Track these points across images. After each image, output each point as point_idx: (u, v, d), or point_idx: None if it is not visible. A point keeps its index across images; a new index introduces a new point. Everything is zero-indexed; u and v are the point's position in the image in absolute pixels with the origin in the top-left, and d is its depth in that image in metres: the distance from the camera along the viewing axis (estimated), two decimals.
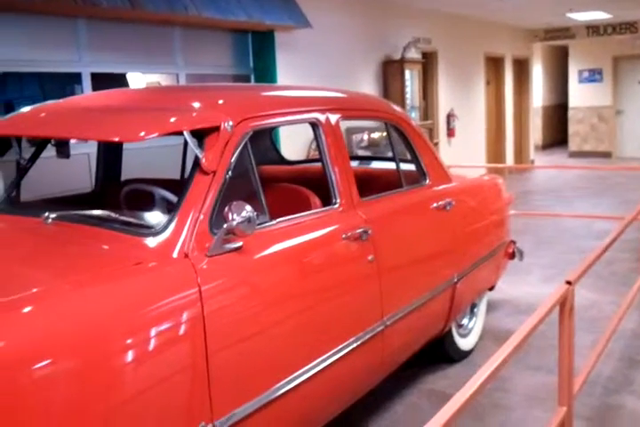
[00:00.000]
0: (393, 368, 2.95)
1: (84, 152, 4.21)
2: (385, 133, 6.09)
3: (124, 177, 3.26)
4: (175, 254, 1.93)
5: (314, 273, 2.37)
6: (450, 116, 9.26)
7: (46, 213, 2.11)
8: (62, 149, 2.69)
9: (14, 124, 2.41)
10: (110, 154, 3.20)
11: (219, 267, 1.99)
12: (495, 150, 11.28)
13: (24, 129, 2.37)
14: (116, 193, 2.64)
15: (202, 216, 2.02)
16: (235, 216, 1.96)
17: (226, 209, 1.98)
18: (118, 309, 1.71)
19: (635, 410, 3.03)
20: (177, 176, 3.28)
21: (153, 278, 1.85)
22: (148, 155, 4.17)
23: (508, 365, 3.60)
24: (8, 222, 2.28)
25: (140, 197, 2.42)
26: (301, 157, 5.90)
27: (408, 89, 7.54)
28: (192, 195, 2.05)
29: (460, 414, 1.36)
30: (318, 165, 2.77)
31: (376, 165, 3.92)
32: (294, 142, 5.96)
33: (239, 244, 2.06)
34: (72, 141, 3.05)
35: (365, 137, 6.85)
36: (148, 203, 2.37)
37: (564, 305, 2.03)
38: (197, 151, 2.08)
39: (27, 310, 1.58)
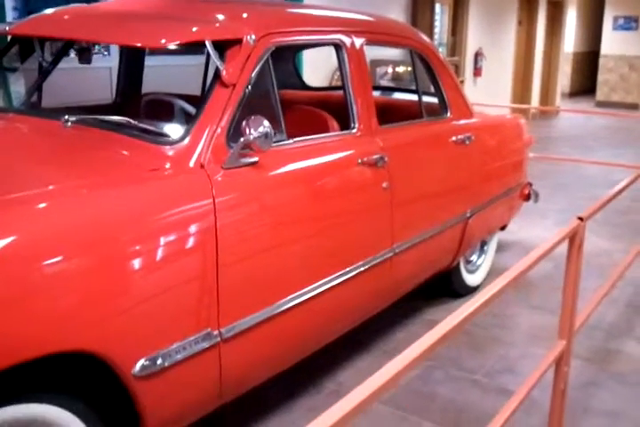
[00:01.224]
0: (398, 296, 2.99)
1: (106, 66, 4.16)
2: (409, 68, 5.98)
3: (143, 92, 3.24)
4: (191, 164, 1.93)
5: (327, 195, 2.37)
6: (477, 55, 9.02)
7: (66, 117, 2.11)
8: (84, 54, 2.66)
9: (36, 25, 2.37)
10: (132, 66, 3.17)
11: (233, 180, 1.99)
12: (521, 94, 11.04)
13: (46, 30, 2.33)
14: (137, 104, 2.63)
15: (219, 129, 2.01)
16: (252, 131, 1.95)
17: (243, 123, 1.97)
18: (132, 211, 1.73)
19: (634, 354, 3.08)
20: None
21: (168, 185, 1.86)
22: (166, 73, 4.12)
23: (511, 303, 3.70)
24: (28, 123, 2.28)
25: (160, 108, 2.41)
26: (323, 85, 5.81)
27: (437, 24, 7.35)
28: (211, 107, 2.03)
29: (445, 340, 1.35)
30: (339, 92, 2.73)
31: (398, 96, 3.85)
32: (317, 70, 5.85)
33: (255, 159, 2.06)
34: (94, 52, 3.02)
35: (390, 70, 6.71)
36: (168, 114, 2.36)
37: (574, 240, 2.03)
38: (218, 63, 2.05)
39: (41, 205, 1.60)
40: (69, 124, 2.12)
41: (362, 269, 2.51)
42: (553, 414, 2.15)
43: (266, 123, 1.97)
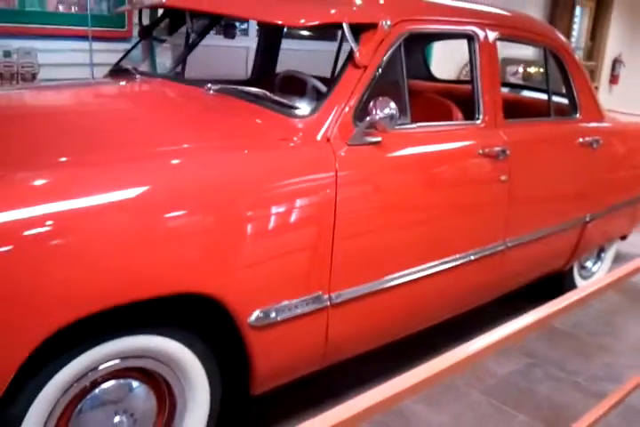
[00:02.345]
0: (504, 291, 3.00)
1: (244, 46, 4.41)
2: (541, 69, 5.85)
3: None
4: (319, 137, 2.05)
5: (444, 181, 2.43)
6: (616, 62, 8.66)
7: (209, 84, 2.30)
8: (229, 30, 2.87)
9: None
10: (269, 46, 3.38)
11: (356, 156, 2.09)
12: None
13: (197, 4, 2.54)
14: (271, 80, 2.78)
15: (347, 107, 2.12)
16: (378, 111, 2.05)
17: (371, 103, 2.07)
18: (262, 175, 1.87)
19: None
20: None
21: (296, 155, 2.00)
22: (298, 57, 4.32)
23: (625, 313, 3.57)
24: (174, 88, 2.50)
25: (293, 85, 2.55)
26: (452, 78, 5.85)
27: (575, 26, 7.13)
28: (342, 86, 2.14)
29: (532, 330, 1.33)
30: (466, 86, 2.77)
31: (526, 94, 3.83)
32: (445, 64, 5.87)
33: (378, 139, 2.16)
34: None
35: (520, 70, 6.62)
36: (300, 91, 2.50)
37: None
38: (353, 45, 2.16)
39: (175, 161, 1.77)
40: (211, 91, 2.31)
41: (471, 258, 2.55)
42: None
43: (392, 104, 2.06)
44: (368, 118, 2.06)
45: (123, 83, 2.63)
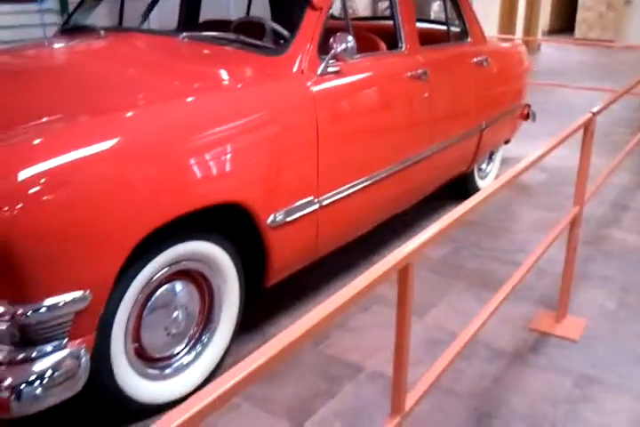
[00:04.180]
0: (430, 191, 3.61)
1: None
2: None
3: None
4: (294, 70, 2.47)
5: (386, 97, 2.93)
6: None
7: (184, 33, 2.61)
8: None
9: None
10: None
11: (325, 82, 2.53)
12: (508, 30, 11.50)
13: None
14: (227, 25, 3.08)
15: (311, 44, 2.53)
16: (338, 45, 2.49)
17: (332, 39, 2.50)
18: (261, 100, 2.28)
19: (619, 239, 3.76)
20: None
21: (282, 84, 2.41)
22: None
23: (514, 202, 4.33)
24: (149, 40, 2.78)
25: (252, 29, 2.89)
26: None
27: None
28: (305, 26, 2.55)
29: (458, 223, 1.66)
30: (383, 22, 3.25)
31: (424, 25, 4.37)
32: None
33: (338, 68, 2.60)
34: None
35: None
36: (259, 33, 2.85)
37: (587, 130, 2.62)
38: None
39: (190, 99, 2.14)
40: (186, 39, 2.63)
41: (410, 162, 3.11)
42: (567, 269, 2.78)
43: (350, 38, 2.51)
44: (332, 51, 2.50)
45: (97, 38, 2.84)
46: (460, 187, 4.14)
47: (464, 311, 2.89)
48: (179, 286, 2.16)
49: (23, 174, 1.61)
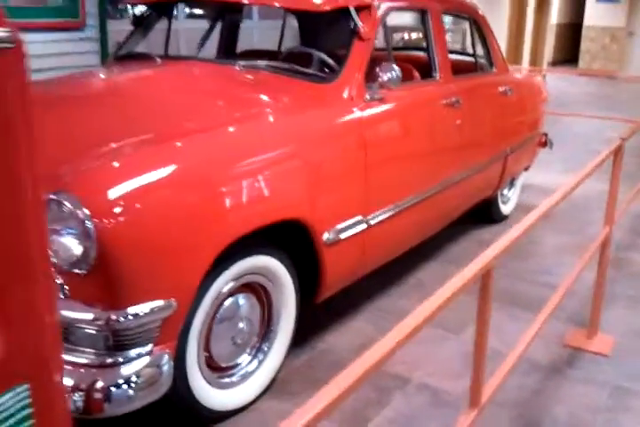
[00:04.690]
0: (460, 213, 3.77)
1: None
2: (421, 34, 6.69)
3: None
4: (345, 96, 2.64)
5: (424, 123, 3.13)
6: None
7: (241, 62, 2.80)
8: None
9: None
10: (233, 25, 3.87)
11: (371, 108, 2.71)
12: (514, 61, 11.82)
13: None
14: (264, 56, 3.25)
15: (359, 73, 2.71)
16: (383, 74, 2.67)
17: (378, 68, 2.68)
18: (317, 124, 2.46)
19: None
20: None
21: (335, 109, 2.59)
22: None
23: (541, 227, 4.47)
24: (208, 68, 2.97)
25: (300, 58, 3.07)
26: None
27: None
28: (353, 56, 2.73)
29: (505, 252, 1.68)
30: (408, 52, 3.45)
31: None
32: None
33: (381, 95, 2.78)
34: None
35: (406, 36, 7.42)
36: (307, 63, 3.03)
37: (617, 155, 2.79)
38: (359, 23, 2.75)
39: (249, 125, 2.31)
40: (242, 68, 2.81)
41: (446, 184, 3.27)
42: (598, 289, 2.92)
43: (395, 67, 2.69)
44: (379, 80, 2.68)
45: (154, 66, 3.01)
46: (484, 211, 4.30)
47: (498, 328, 3.00)
48: (242, 298, 2.29)
49: (116, 192, 1.77)
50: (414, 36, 7.73)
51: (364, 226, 2.64)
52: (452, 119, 3.30)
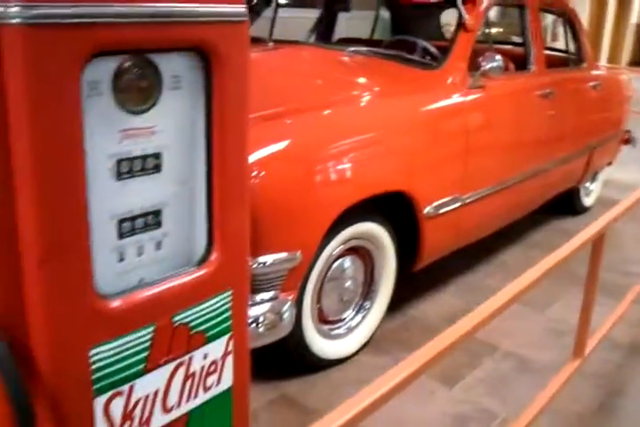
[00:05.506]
0: (544, 201, 3.92)
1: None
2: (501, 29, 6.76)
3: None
4: (448, 82, 2.85)
5: (520, 112, 3.29)
6: (555, 22, 9.68)
7: (351, 48, 3.03)
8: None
9: None
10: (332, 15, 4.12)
11: (473, 95, 2.90)
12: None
13: None
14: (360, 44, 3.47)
15: (463, 61, 2.91)
16: (486, 63, 2.85)
17: (481, 57, 2.87)
18: (426, 109, 2.66)
19: None
20: None
21: (440, 93, 2.79)
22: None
23: (622, 220, 4.55)
24: (319, 52, 3.22)
25: (405, 46, 3.28)
26: None
27: None
28: (458, 45, 2.93)
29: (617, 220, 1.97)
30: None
31: None
32: None
33: (482, 83, 2.96)
34: None
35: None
36: (411, 50, 3.24)
37: None
38: (464, 14, 2.94)
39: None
40: (351, 53, 3.04)
41: (537, 171, 3.44)
42: None
43: (498, 57, 2.87)
44: (482, 68, 2.86)
45: (267, 49, 3.28)
46: (566, 202, 4.42)
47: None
48: (349, 261, 2.53)
49: (271, 149, 2.04)
50: (494, 30, 7.81)
51: (459, 203, 2.84)
52: (545, 110, 3.46)
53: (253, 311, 2.08)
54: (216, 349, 1.37)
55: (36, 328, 1.10)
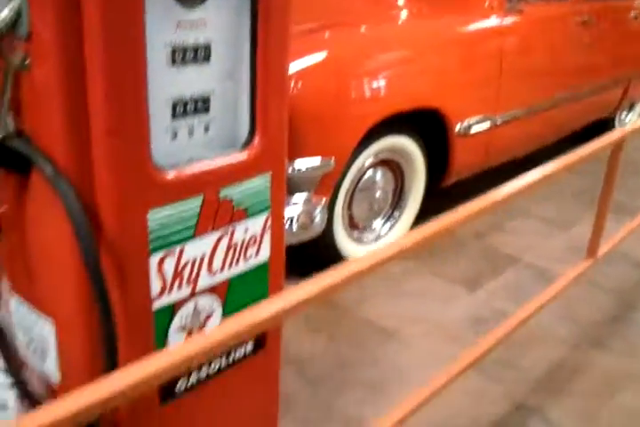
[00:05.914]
0: (578, 127, 3.99)
1: None
2: None
3: None
4: (486, 5, 2.91)
5: (557, 37, 3.35)
6: None
7: None
8: None
9: None
10: None
11: (510, 17, 2.96)
12: None
13: None
14: None
15: None
16: None
17: None
18: (464, 30, 2.75)
19: None
20: None
21: (478, 15, 2.87)
22: None
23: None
24: None
25: None
26: None
27: None
28: None
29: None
30: None
31: None
32: None
33: (520, 8, 3.01)
34: None
35: None
36: None
37: None
38: None
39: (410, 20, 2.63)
40: None
41: (567, 98, 3.50)
42: None
43: None
44: None
45: None
46: (601, 132, 4.46)
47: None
48: (379, 172, 2.69)
49: (309, 61, 2.17)
50: None
51: (490, 124, 2.95)
52: (583, 37, 3.49)
53: (288, 212, 2.27)
54: (255, 224, 1.55)
55: (103, 190, 1.29)
